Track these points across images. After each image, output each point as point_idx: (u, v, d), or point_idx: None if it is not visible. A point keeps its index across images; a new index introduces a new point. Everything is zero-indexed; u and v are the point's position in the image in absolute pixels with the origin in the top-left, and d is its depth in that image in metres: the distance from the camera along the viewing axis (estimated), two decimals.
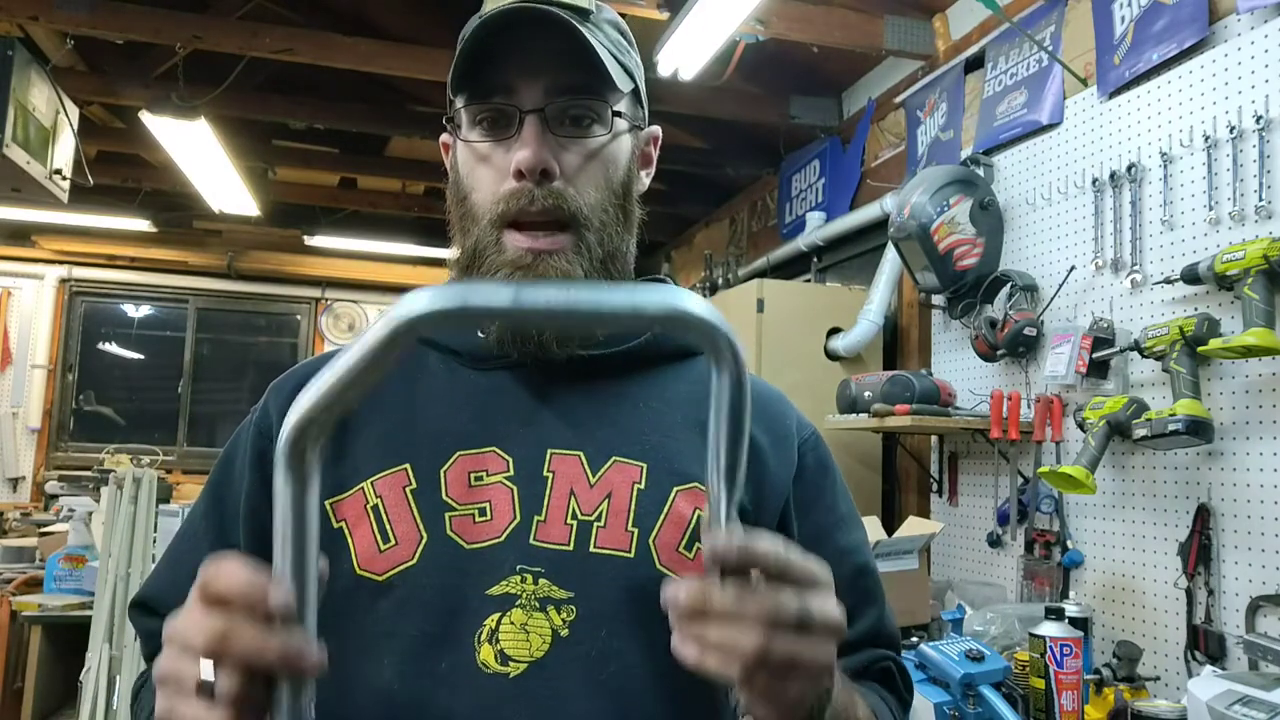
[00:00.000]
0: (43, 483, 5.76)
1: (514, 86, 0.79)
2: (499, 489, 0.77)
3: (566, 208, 0.79)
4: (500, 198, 0.80)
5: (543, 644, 0.73)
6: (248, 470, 0.83)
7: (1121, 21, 2.22)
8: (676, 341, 0.89)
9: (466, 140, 0.82)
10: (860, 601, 0.85)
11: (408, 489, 0.77)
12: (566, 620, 0.74)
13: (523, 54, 0.79)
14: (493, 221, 0.80)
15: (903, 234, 2.54)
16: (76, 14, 3.17)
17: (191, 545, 0.85)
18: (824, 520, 0.87)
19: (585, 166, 0.81)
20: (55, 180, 3.51)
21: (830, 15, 2.99)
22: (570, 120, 0.81)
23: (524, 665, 0.72)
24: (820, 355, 3.10)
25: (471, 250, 0.82)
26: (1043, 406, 2.30)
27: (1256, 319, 1.72)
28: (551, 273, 0.79)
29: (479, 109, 0.81)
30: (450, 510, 0.76)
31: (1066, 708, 1.72)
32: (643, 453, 0.81)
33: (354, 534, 0.77)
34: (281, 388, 0.87)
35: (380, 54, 3.52)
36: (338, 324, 6.71)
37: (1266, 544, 1.78)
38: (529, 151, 0.78)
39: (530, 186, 0.78)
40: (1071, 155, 2.37)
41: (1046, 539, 2.34)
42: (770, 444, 0.86)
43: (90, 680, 2.68)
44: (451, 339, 0.86)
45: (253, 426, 0.86)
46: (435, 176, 5.46)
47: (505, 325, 0.79)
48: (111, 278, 6.38)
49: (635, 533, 0.77)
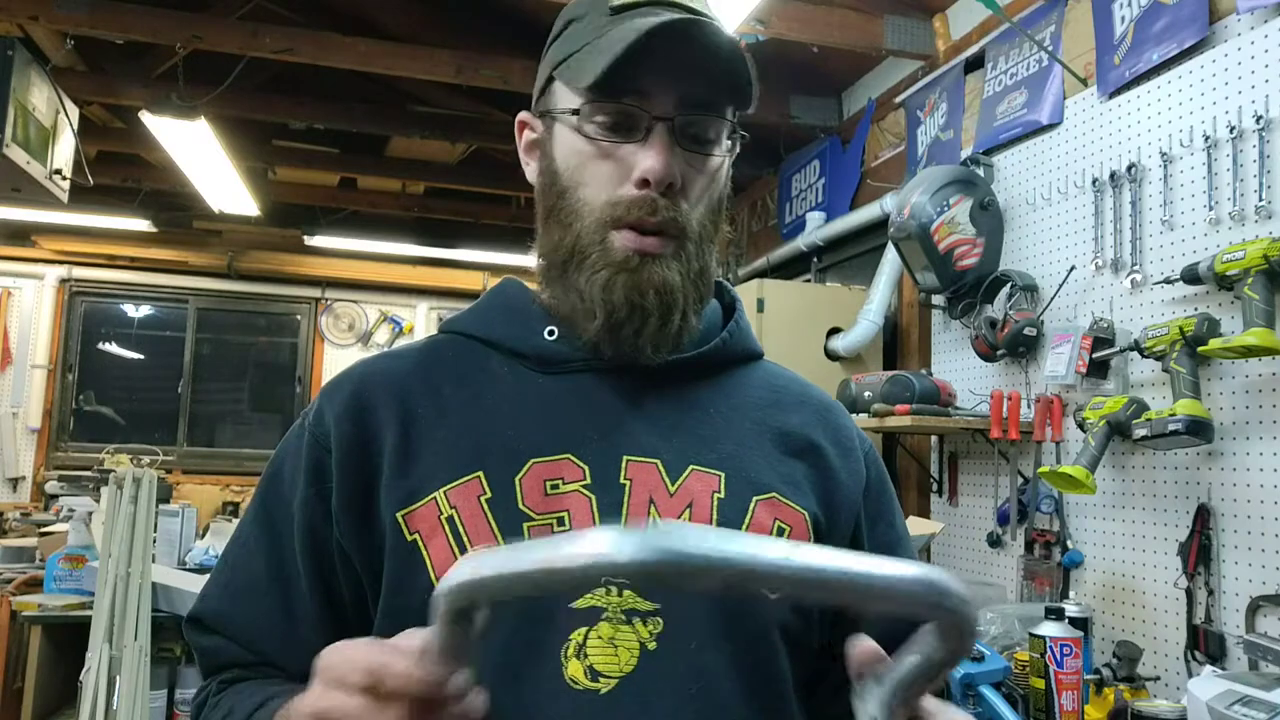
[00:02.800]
0: (43, 483, 5.76)
1: (647, 91, 0.77)
2: (577, 497, 0.75)
3: (679, 221, 0.79)
4: (617, 201, 0.78)
5: (631, 658, 0.71)
6: (302, 483, 0.80)
7: (1121, 21, 2.22)
8: (741, 349, 0.89)
9: (586, 134, 0.79)
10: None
11: (482, 498, 0.75)
12: (653, 633, 0.72)
13: (666, 59, 0.76)
14: (602, 222, 0.78)
15: (903, 234, 2.54)
16: (76, 14, 3.17)
17: (245, 560, 0.82)
18: (887, 536, 0.87)
19: (699, 183, 0.80)
20: (55, 180, 3.51)
21: (830, 15, 2.99)
22: (694, 136, 0.79)
23: (614, 681, 0.70)
24: (820, 355, 3.10)
25: (571, 246, 0.80)
26: (1043, 406, 2.30)
27: (1256, 319, 1.72)
28: (654, 278, 0.78)
29: (606, 106, 0.78)
30: (528, 520, 0.74)
31: (1066, 708, 1.72)
32: (719, 461, 0.80)
33: (430, 547, 0.74)
34: (334, 397, 0.83)
35: (380, 54, 3.52)
36: (338, 324, 6.71)
37: (1266, 544, 1.78)
38: (660, 163, 0.76)
39: (654, 197, 0.77)
40: (1071, 155, 2.37)
41: (1046, 539, 2.34)
42: (838, 455, 0.86)
43: (90, 680, 2.68)
44: (517, 341, 0.83)
45: (307, 434, 0.82)
46: (435, 176, 5.46)
47: (600, 331, 0.78)
48: (111, 278, 6.37)
49: None
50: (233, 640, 0.80)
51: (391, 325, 6.75)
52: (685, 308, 0.80)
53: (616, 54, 0.74)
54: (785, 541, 0.44)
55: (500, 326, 0.85)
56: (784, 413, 0.87)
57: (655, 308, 0.78)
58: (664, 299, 0.78)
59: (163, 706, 2.77)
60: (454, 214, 6.13)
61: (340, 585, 0.78)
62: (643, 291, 0.77)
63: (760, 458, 0.82)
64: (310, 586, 0.78)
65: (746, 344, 0.90)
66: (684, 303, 0.79)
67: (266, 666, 0.79)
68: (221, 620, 0.81)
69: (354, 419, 0.80)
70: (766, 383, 0.90)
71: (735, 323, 0.89)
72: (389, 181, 5.84)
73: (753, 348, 0.91)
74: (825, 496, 0.82)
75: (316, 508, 0.78)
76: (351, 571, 0.77)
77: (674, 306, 0.78)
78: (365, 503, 0.77)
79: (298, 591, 0.78)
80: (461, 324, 0.88)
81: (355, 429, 0.79)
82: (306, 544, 0.78)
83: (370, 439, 0.79)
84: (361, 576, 0.77)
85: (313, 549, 0.78)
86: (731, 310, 0.91)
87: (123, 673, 2.68)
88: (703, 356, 0.84)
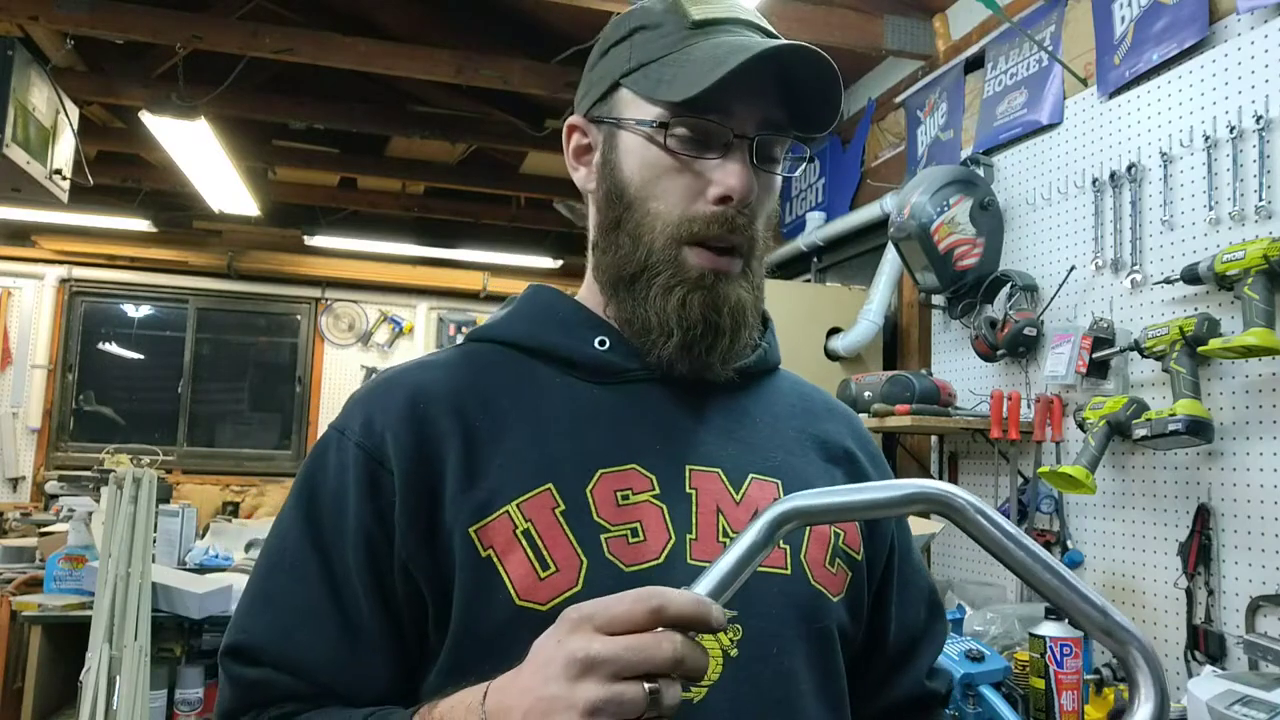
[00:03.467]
0: (43, 483, 5.76)
1: (732, 110, 0.77)
2: (649, 508, 0.75)
3: (748, 236, 0.80)
4: (694, 217, 0.78)
5: (716, 666, 0.72)
6: (354, 498, 0.75)
7: (1121, 21, 2.22)
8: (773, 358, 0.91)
9: (669, 149, 0.78)
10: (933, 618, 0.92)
11: (557, 510, 0.73)
12: (734, 640, 0.73)
13: (755, 82, 0.76)
14: (677, 238, 0.78)
15: (903, 234, 2.54)
16: (76, 14, 3.17)
17: (293, 585, 0.76)
18: (904, 537, 0.92)
19: (766, 201, 0.82)
20: (55, 180, 3.51)
21: (830, 15, 2.99)
22: (766, 155, 0.80)
23: (704, 690, 0.71)
24: (820, 355, 3.09)
25: (643, 260, 0.79)
26: (1043, 406, 2.30)
27: (1256, 319, 1.72)
28: (730, 296, 0.79)
29: (690, 121, 0.77)
30: (605, 531, 0.73)
31: (1066, 708, 1.71)
32: (774, 469, 0.82)
33: (506, 562, 0.72)
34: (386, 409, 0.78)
35: (380, 54, 3.52)
36: (338, 324, 6.71)
37: (1266, 544, 1.78)
38: (743, 182, 0.77)
39: (733, 214, 0.78)
40: (1071, 155, 2.37)
41: (1046, 539, 2.34)
42: (867, 460, 0.90)
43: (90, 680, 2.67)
44: (570, 351, 0.82)
45: (354, 448, 0.77)
46: (435, 176, 5.46)
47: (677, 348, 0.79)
48: (111, 278, 6.37)
49: (788, 550, 0.78)
50: (286, 672, 0.74)
51: (391, 325, 6.75)
52: (752, 324, 0.82)
53: (722, 75, 0.73)
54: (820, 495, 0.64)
55: (549, 335, 0.83)
56: (818, 421, 0.90)
57: (729, 326, 0.79)
58: (736, 317, 0.80)
59: (163, 706, 2.77)
60: (454, 214, 6.13)
61: (401, 605, 0.74)
62: (719, 310, 0.79)
63: (808, 465, 0.85)
64: (372, 608, 0.74)
65: (777, 354, 0.93)
66: (752, 319, 0.82)
67: (327, 697, 0.74)
68: (270, 651, 0.74)
69: (413, 430, 0.76)
70: (796, 391, 0.92)
71: (771, 333, 0.92)
72: (389, 181, 5.84)
73: (778, 357, 0.94)
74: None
75: (374, 524, 0.74)
76: (413, 590, 0.74)
77: (744, 324, 0.81)
78: (430, 517, 0.74)
79: (358, 614, 0.74)
80: (499, 332, 0.85)
81: (415, 441, 0.76)
82: (365, 562, 0.74)
83: (432, 452, 0.76)
84: (426, 595, 0.74)
85: (372, 567, 0.74)
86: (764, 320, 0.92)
87: (123, 673, 2.68)
88: (747, 367, 0.86)
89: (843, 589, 0.81)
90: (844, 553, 0.82)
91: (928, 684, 0.90)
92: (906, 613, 0.90)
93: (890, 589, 0.89)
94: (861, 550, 0.84)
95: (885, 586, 0.88)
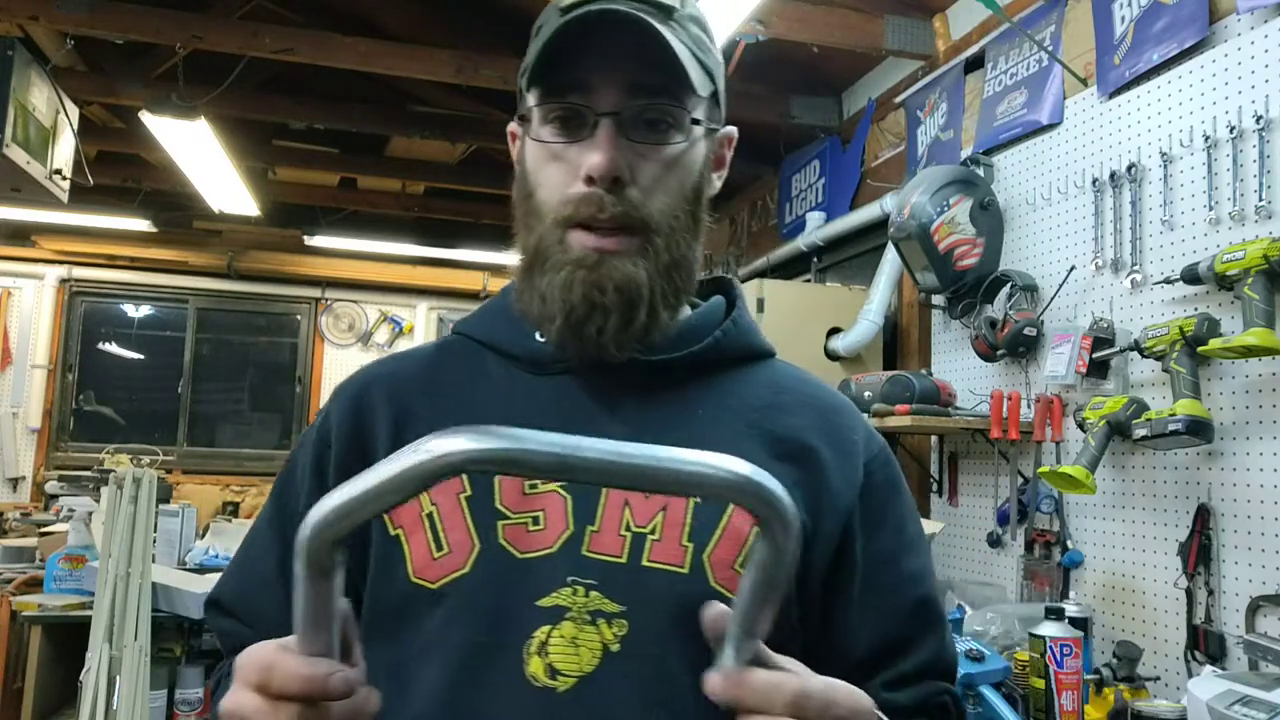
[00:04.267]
0: (43, 483, 5.76)
1: (591, 85, 0.76)
2: (553, 497, 0.76)
3: (636, 215, 0.77)
4: (568, 200, 0.77)
5: (593, 658, 0.71)
6: (308, 477, 0.83)
7: (1121, 21, 2.22)
8: (740, 347, 0.87)
9: (537, 138, 0.79)
10: (922, 631, 0.84)
11: (462, 495, 0.76)
12: (618, 635, 0.72)
13: (602, 53, 0.76)
14: (557, 222, 0.78)
15: (903, 234, 2.54)
16: (76, 14, 3.17)
17: (258, 550, 0.87)
18: (891, 543, 0.84)
19: (658, 174, 0.78)
20: (55, 180, 3.51)
21: (830, 15, 2.99)
22: (646, 125, 0.78)
23: (573, 680, 0.71)
24: (820, 355, 3.10)
25: (535, 248, 0.80)
26: (1043, 406, 2.30)
27: (1256, 319, 1.72)
28: (614, 274, 0.77)
29: (552, 107, 0.78)
30: (503, 518, 0.75)
31: (1066, 708, 1.71)
32: None
33: (410, 541, 0.76)
34: (340, 396, 0.87)
35: (380, 54, 3.52)
36: (338, 324, 6.71)
37: (1266, 544, 1.78)
38: (602, 158, 0.75)
39: (600, 193, 0.76)
40: (1071, 155, 2.37)
41: (1046, 539, 2.34)
42: (833, 459, 0.84)
43: (90, 680, 2.67)
44: (510, 343, 0.85)
45: (315, 433, 0.85)
46: (435, 176, 5.46)
47: (561, 331, 0.78)
48: (111, 278, 6.37)
49: (690, 548, 0.75)
50: (247, 625, 0.83)
51: (391, 325, 6.75)
52: (654, 303, 0.78)
53: (539, 49, 0.75)
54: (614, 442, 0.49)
55: (497, 329, 0.87)
56: (782, 414, 0.85)
57: (615, 305, 0.77)
58: (625, 295, 0.77)
59: (163, 706, 2.77)
60: (454, 214, 6.13)
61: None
62: (602, 288, 0.76)
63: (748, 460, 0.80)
64: None
65: (748, 342, 0.89)
66: (652, 298, 0.78)
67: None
68: (237, 606, 0.86)
69: (353, 416, 0.84)
70: (770, 383, 0.88)
71: (733, 321, 0.87)
72: (389, 181, 5.84)
73: (756, 346, 0.90)
74: (812, 502, 0.80)
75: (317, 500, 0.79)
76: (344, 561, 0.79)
77: (637, 303, 0.77)
78: None
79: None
80: (465, 326, 0.91)
81: (354, 424, 0.83)
82: None
83: (366, 436, 0.82)
84: (353, 567, 0.78)
85: None
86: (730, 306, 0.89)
87: (123, 673, 2.68)
88: (694, 355, 0.83)
89: None
90: None
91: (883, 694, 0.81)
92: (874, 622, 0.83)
93: (846, 596, 0.82)
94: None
95: (838, 594, 0.82)
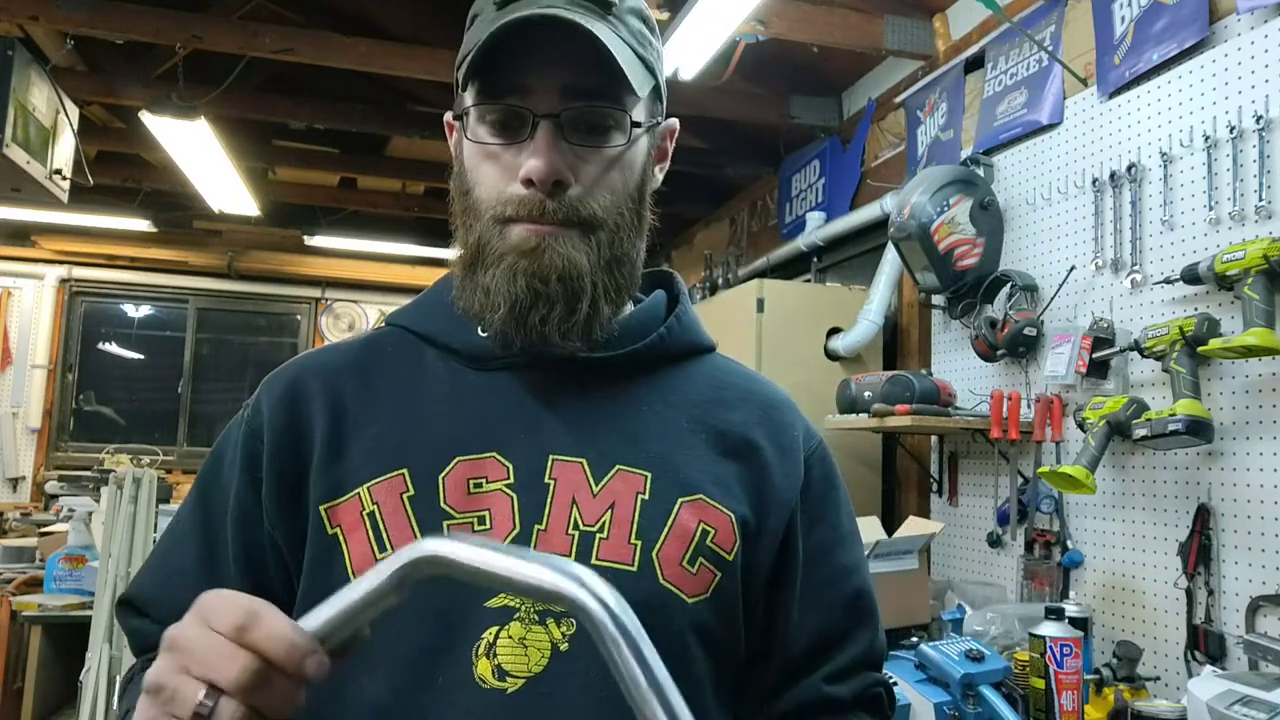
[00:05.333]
0: (43, 483, 5.76)
1: (529, 88, 0.75)
2: (499, 497, 0.75)
3: (579, 215, 0.76)
4: (506, 200, 0.76)
5: (541, 659, 0.71)
6: (237, 471, 0.81)
7: (1121, 21, 2.22)
8: (683, 343, 0.87)
9: (475, 139, 0.78)
10: (857, 624, 0.85)
11: (405, 495, 0.75)
12: (566, 634, 0.72)
13: (539, 54, 0.75)
14: (496, 219, 0.77)
15: (903, 234, 2.54)
16: (76, 14, 3.17)
17: (178, 545, 0.83)
18: (827, 537, 0.85)
19: (599, 175, 0.77)
20: (55, 180, 3.51)
21: (830, 15, 2.99)
22: (586, 127, 0.77)
23: (521, 681, 0.70)
24: (820, 355, 3.10)
25: (475, 245, 0.79)
26: (1043, 406, 2.30)
27: (1256, 319, 1.72)
28: (557, 261, 0.75)
29: (490, 108, 0.77)
30: (448, 519, 0.74)
31: (1066, 708, 1.72)
32: (646, 461, 0.78)
33: (349, 541, 0.75)
34: (272, 387, 0.84)
35: (380, 54, 3.52)
36: (338, 324, 6.71)
37: (1266, 544, 1.78)
38: (540, 162, 0.74)
39: (540, 196, 0.75)
40: (1071, 155, 2.37)
41: (1046, 539, 2.34)
42: (776, 455, 0.83)
43: (90, 680, 2.68)
44: (451, 337, 0.83)
45: (244, 425, 0.83)
46: (435, 176, 5.45)
47: (505, 322, 0.77)
48: (111, 278, 6.38)
49: (638, 545, 0.75)
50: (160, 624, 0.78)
51: None
52: (596, 295, 0.77)
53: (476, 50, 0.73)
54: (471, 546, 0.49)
55: (437, 322, 0.85)
56: (724, 410, 0.85)
57: (559, 295, 0.75)
58: (569, 285, 0.76)
59: None
60: None
61: (271, 575, 0.79)
62: (545, 278, 0.75)
63: (692, 457, 0.80)
64: (239, 574, 0.78)
65: (691, 338, 0.88)
66: (593, 290, 0.77)
67: None
68: (150, 605, 0.82)
69: (287, 409, 0.81)
70: (711, 378, 0.87)
71: (676, 318, 0.87)
72: (389, 181, 5.84)
73: (698, 341, 0.89)
74: (756, 498, 0.81)
75: (249, 497, 0.79)
76: (281, 561, 0.78)
77: (580, 293, 0.76)
78: (295, 493, 0.78)
79: (227, 578, 0.78)
80: (402, 318, 0.89)
81: (288, 419, 0.80)
82: (238, 533, 0.79)
83: (302, 430, 0.80)
84: (289, 563, 0.78)
85: (244, 538, 0.79)
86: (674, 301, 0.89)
87: (122, 673, 2.68)
88: (637, 353, 0.82)
89: (705, 590, 0.76)
90: (711, 552, 0.77)
91: (825, 688, 0.83)
92: (813, 617, 0.83)
93: (789, 592, 0.83)
94: (737, 550, 0.78)
95: (782, 589, 0.83)
